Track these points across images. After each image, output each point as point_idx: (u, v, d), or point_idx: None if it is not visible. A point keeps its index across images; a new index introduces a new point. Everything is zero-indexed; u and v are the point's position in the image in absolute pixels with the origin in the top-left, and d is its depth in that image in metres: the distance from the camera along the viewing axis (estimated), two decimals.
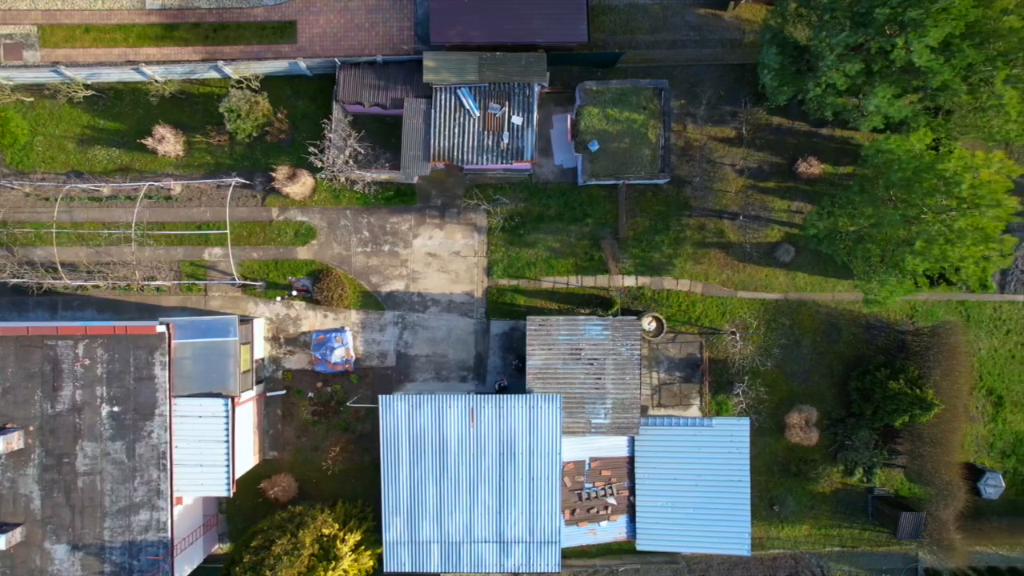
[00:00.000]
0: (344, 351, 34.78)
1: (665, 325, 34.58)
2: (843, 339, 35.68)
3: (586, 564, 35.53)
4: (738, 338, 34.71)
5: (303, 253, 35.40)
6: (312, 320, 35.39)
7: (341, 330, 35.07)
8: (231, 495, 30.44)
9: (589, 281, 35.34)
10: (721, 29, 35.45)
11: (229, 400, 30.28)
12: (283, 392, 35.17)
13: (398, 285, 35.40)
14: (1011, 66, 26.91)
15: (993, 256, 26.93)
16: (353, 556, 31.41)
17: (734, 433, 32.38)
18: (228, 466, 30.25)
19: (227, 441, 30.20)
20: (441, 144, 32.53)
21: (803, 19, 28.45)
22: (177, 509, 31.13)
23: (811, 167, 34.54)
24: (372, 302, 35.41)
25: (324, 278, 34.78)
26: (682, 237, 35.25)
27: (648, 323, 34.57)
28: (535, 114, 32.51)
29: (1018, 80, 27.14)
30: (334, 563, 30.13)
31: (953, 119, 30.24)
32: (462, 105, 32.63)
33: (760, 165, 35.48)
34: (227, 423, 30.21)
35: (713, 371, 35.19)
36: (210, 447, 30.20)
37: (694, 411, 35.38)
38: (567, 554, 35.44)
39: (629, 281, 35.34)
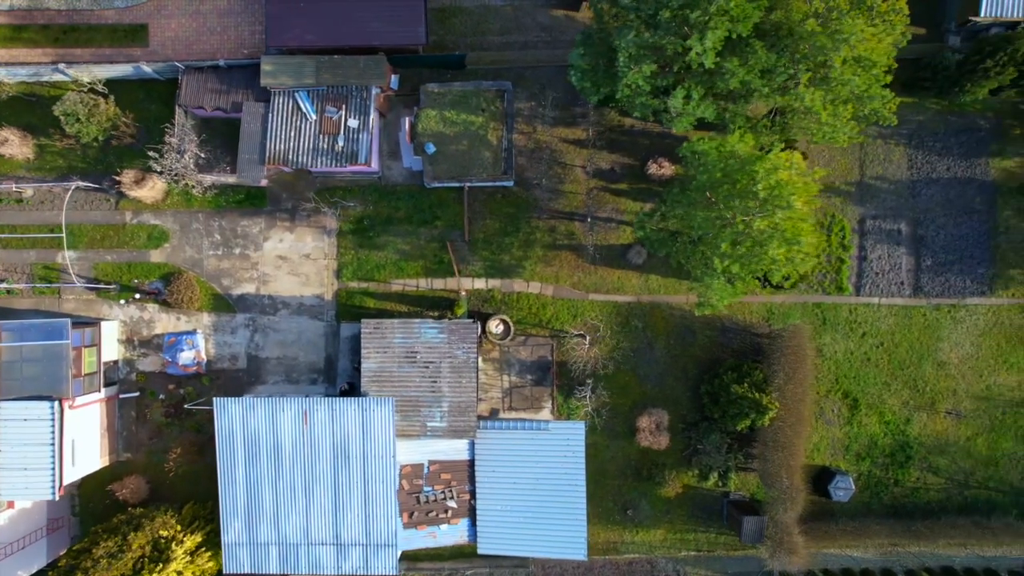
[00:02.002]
0: (195, 353, 34.86)
1: (513, 328, 34.48)
2: (698, 342, 35.51)
3: (436, 567, 35.51)
4: (586, 341, 34.59)
5: (156, 256, 35.46)
6: (165, 323, 35.45)
7: (192, 333, 35.13)
8: (56, 498, 30.53)
9: (439, 283, 35.29)
10: (573, 30, 35.25)
11: (56, 403, 30.36)
12: (136, 394, 35.26)
13: (249, 288, 35.43)
14: (816, 70, 26.75)
15: (797, 258, 26.72)
16: (188, 558, 31.48)
17: (570, 437, 32.23)
18: (54, 469, 30.33)
19: (53, 444, 30.29)
20: (277, 147, 32.52)
21: (618, 20, 28.28)
22: (9, 512, 31.29)
23: (662, 168, 34.36)
24: (224, 305, 35.45)
25: (175, 281, 34.85)
26: (532, 239, 35.15)
27: (495, 326, 34.48)
28: (372, 117, 32.47)
29: (823, 82, 26.94)
30: (162, 566, 30.19)
31: (777, 121, 30.10)
32: (299, 108, 32.63)
33: (612, 166, 35.34)
34: (53, 426, 30.29)
35: (564, 374, 35.06)
36: (35, 450, 30.29)
37: (545, 414, 35.29)
38: (417, 557, 35.55)
39: (479, 283, 35.27)
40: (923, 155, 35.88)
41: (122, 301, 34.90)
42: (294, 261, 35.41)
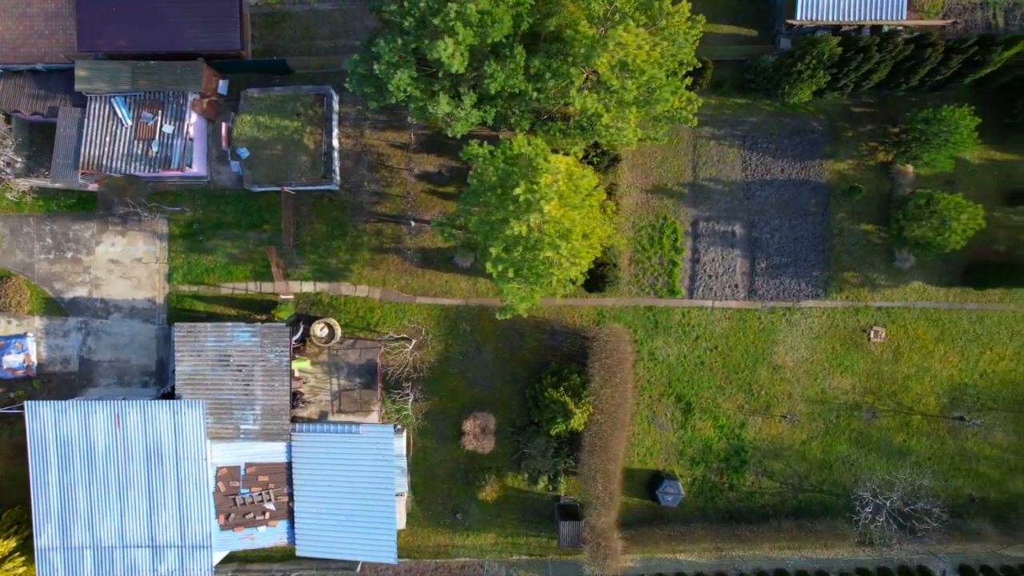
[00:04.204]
0: (24, 357, 35.00)
1: (338, 331, 34.49)
2: (527, 345, 35.42)
3: (265, 568, 35.51)
4: (411, 344, 34.57)
5: None
6: None
7: (22, 336, 35.27)
8: None
9: (268, 287, 35.33)
10: None
11: None
12: None
13: (81, 291, 35.56)
14: (586, 74, 26.66)
15: (567, 262, 26.63)
16: None
17: (380, 441, 32.24)
18: None
19: None
20: (91, 152, 32.63)
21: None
22: None
23: None
24: (56, 308, 35.59)
25: (3, 285, 35.02)
26: (359, 243, 35.17)
27: (320, 329, 34.49)
28: (187, 122, 32.55)
29: (604, 86, 26.74)
30: None
31: (574, 124, 29.96)
32: (115, 114, 32.74)
33: (440, 169, 35.32)
34: None
35: (392, 377, 34.98)
36: None
37: (374, 417, 35.27)
38: (248, 559, 35.64)
39: (307, 287, 35.31)
40: (757, 156, 35.70)
41: None
42: (126, 265, 35.52)
